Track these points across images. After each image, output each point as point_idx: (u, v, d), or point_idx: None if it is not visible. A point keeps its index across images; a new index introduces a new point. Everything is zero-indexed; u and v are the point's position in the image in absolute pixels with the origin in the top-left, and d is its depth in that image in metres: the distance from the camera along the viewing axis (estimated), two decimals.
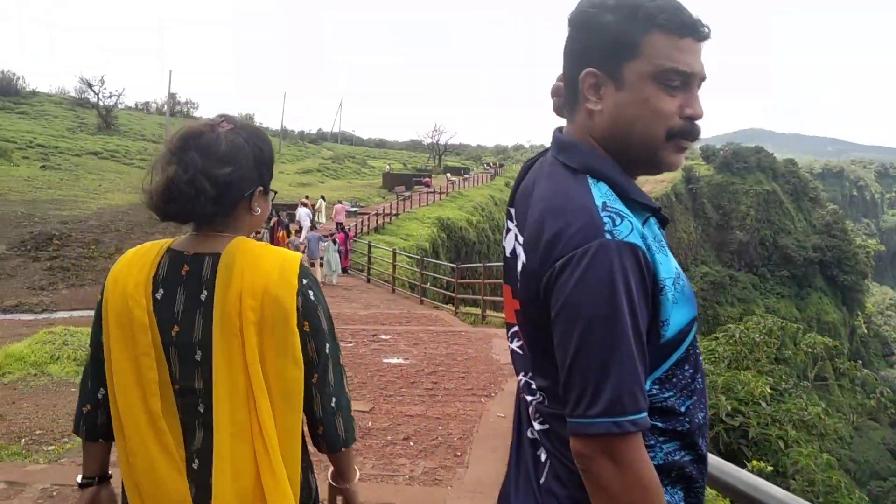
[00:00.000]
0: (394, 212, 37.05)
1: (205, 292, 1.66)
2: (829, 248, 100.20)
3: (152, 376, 1.65)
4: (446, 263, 23.06)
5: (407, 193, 43.40)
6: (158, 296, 1.67)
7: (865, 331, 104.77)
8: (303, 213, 24.65)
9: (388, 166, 64.03)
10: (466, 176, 59.02)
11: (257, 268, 1.66)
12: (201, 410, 1.67)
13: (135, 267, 1.71)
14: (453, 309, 18.31)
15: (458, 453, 6.19)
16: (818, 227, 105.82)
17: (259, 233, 19.54)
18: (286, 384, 1.65)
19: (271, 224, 23.09)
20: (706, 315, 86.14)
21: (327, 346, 1.73)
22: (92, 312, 2.44)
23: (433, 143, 77.69)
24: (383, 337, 12.46)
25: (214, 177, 1.65)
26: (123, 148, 48.80)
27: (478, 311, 17.31)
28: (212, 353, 1.63)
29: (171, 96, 68.97)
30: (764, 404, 6.12)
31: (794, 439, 5.78)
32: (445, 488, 5.22)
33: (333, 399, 1.74)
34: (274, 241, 21.33)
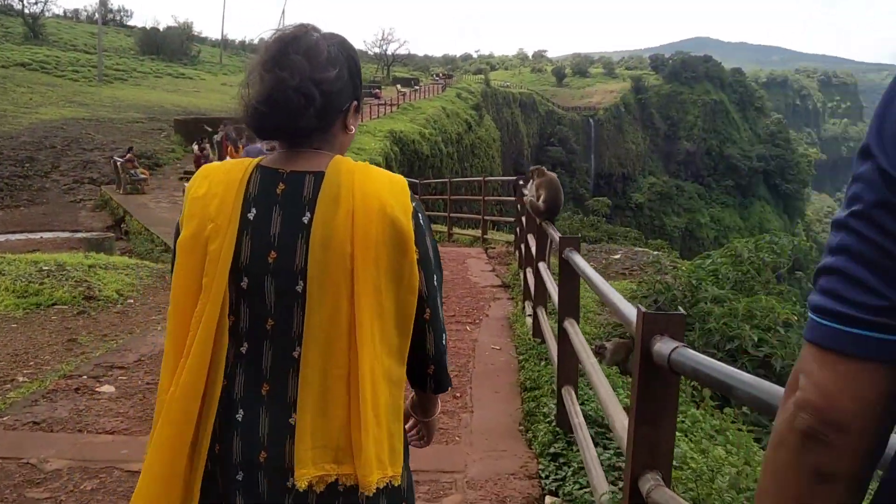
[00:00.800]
0: None
1: (307, 214, 1.47)
2: (772, 158, 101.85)
3: (223, 323, 1.46)
4: (409, 179, 22.12)
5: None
6: (251, 216, 1.48)
7: (805, 237, 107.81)
8: None
9: None
10: (417, 87, 57.45)
11: (367, 186, 1.47)
12: (296, 356, 1.46)
13: (219, 184, 1.52)
14: None
15: (458, 394, 5.63)
16: (763, 137, 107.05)
17: (204, 150, 18.16)
18: (403, 320, 1.49)
19: (219, 139, 21.92)
20: (653, 225, 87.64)
21: (436, 277, 1.56)
22: (29, 236, 1.93)
23: (381, 53, 75.25)
24: None
25: (322, 82, 1.49)
26: (53, 59, 46.05)
27: (443, 228, 16.68)
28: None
29: (103, 3, 65.20)
30: (786, 332, 5.65)
31: None
32: (458, 443, 4.61)
33: (444, 336, 1.60)
34: (222, 157, 20.20)
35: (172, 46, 59.28)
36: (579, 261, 3.66)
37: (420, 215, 1.52)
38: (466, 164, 49.67)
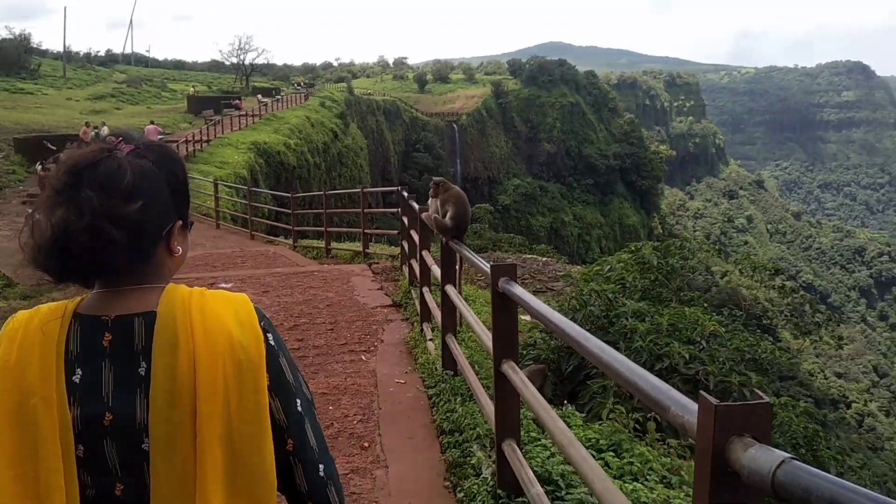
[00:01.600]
0: (204, 138, 34.02)
1: (143, 364, 1.33)
2: (628, 156, 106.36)
3: (59, 498, 1.29)
4: (281, 193, 21.14)
5: (216, 118, 40.01)
6: (77, 378, 1.33)
7: (661, 231, 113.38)
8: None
9: (192, 89, 59.10)
10: (278, 97, 55.69)
11: (209, 321, 1.34)
12: None
13: (32, 346, 1.34)
14: (290, 243, 16.67)
15: (366, 443, 4.90)
16: (618, 136, 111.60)
17: (49, 170, 17.14)
18: (261, 463, 1.34)
19: (42, 171, 20.41)
20: (520, 226, 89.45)
21: (298, 401, 1.40)
22: None
23: (239, 63, 72.64)
24: (223, 286, 10.68)
25: (121, 218, 1.32)
26: None
27: (320, 243, 15.81)
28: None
29: None
30: (710, 344, 5.29)
31: (758, 384, 4.98)
32: None
33: (321, 467, 1.42)
34: None
35: (9, 59, 54.83)
36: (525, 296, 3.05)
37: (271, 336, 1.39)
38: (335, 174, 48.59)
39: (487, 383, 4.81)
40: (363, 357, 7.35)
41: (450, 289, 5.45)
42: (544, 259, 12.75)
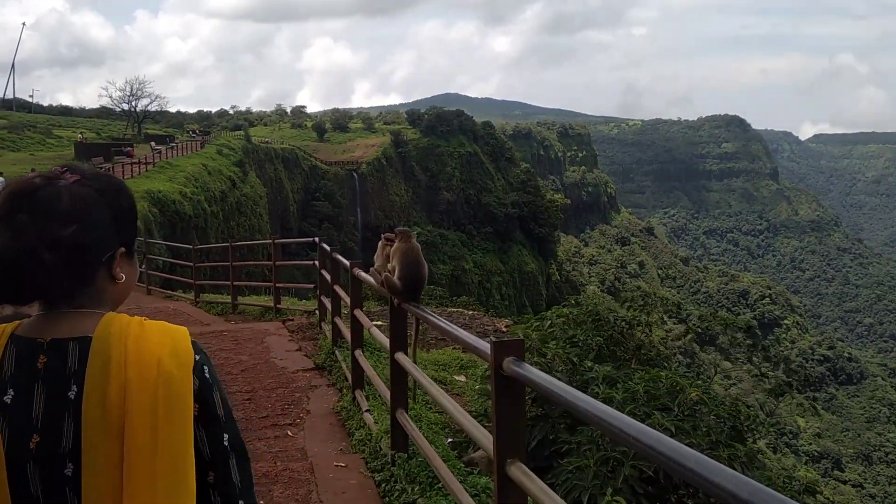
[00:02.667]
0: None
1: (73, 388, 1.35)
2: (525, 204, 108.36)
3: None
4: (180, 245, 19.83)
5: (106, 165, 37.91)
6: (8, 399, 1.35)
7: (558, 277, 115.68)
8: None
9: (80, 135, 56.28)
10: (173, 144, 53.72)
11: (144, 351, 1.36)
12: None
13: None
14: (191, 298, 15.48)
15: None
16: (515, 185, 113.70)
17: None
18: (183, 494, 1.34)
19: None
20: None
21: (226, 436, 1.42)
22: None
23: (131, 110, 69.94)
24: None
25: (57, 241, 1.36)
26: None
27: (225, 298, 14.72)
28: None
29: None
30: (694, 413, 4.77)
31: (747, 454, 4.46)
32: None
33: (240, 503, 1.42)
34: None
35: None
36: (553, 383, 2.39)
37: (206, 369, 1.41)
38: (233, 223, 46.96)
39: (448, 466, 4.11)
40: (289, 432, 6.49)
41: (402, 357, 4.74)
42: (470, 313, 12.15)
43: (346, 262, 7.20)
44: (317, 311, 11.23)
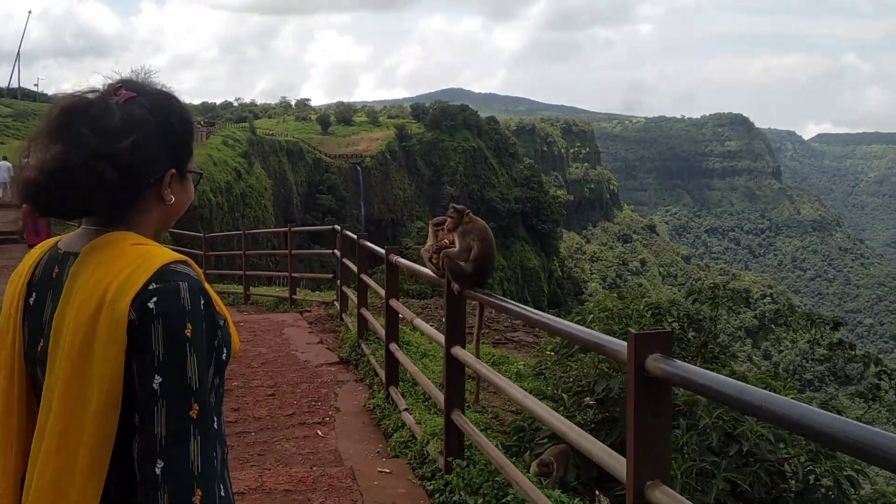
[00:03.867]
0: None
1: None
2: (528, 200, 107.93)
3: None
4: (189, 233, 19.34)
5: None
6: (32, 300, 1.41)
7: (560, 273, 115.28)
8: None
9: None
10: None
11: (101, 275, 1.31)
12: None
13: (25, 265, 1.46)
14: None
15: None
16: (518, 181, 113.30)
17: None
18: (92, 437, 1.28)
19: None
20: None
21: (158, 378, 1.27)
22: None
23: None
24: None
25: (113, 156, 1.33)
26: None
27: (237, 288, 14.21)
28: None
29: None
30: None
31: (850, 476, 3.94)
32: None
33: (159, 463, 1.25)
34: None
35: None
36: (715, 378, 1.87)
37: (159, 299, 1.28)
38: (238, 214, 46.45)
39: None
40: (319, 432, 5.97)
41: (461, 353, 4.21)
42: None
43: (380, 250, 6.66)
44: (335, 302, 10.72)
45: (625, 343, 2.23)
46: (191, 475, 1.25)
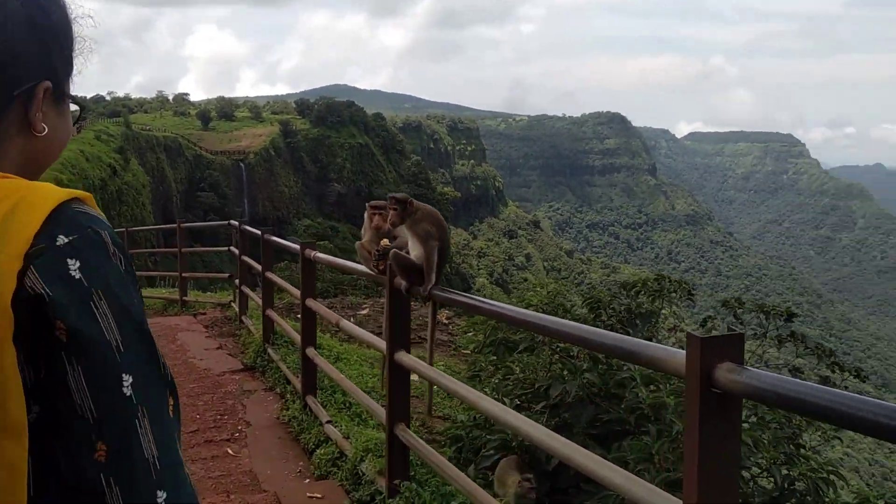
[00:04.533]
0: None
1: None
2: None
3: None
4: None
5: None
6: None
7: (449, 269, 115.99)
8: None
9: None
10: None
11: None
12: None
13: None
14: None
15: None
16: (406, 178, 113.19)
17: None
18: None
19: None
20: None
21: (128, 379, 0.84)
22: None
23: None
24: None
25: None
26: None
27: None
28: None
29: None
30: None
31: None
32: None
33: (160, 496, 0.84)
34: None
35: None
36: (811, 390, 1.44)
37: (78, 262, 0.84)
38: (114, 213, 43.89)
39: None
40: (229, 450, 5.29)
41: (407, 358, 3.67)
42: (369, 302, 11.03)
43: (295, 246, 6.02)
44: (233, 304, 9.92)
45: (682, 351, 1.77)
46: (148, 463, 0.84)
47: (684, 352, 1.75)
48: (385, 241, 3.65)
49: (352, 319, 9.97)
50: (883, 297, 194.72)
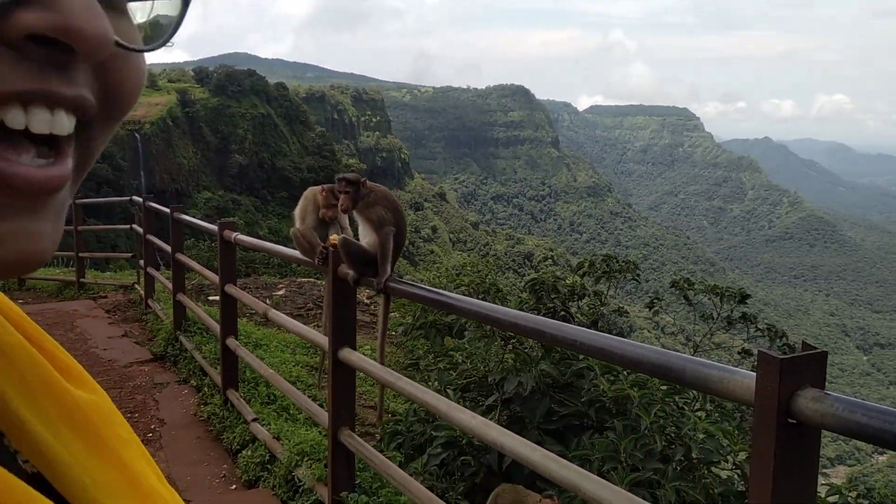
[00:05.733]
0: None
1: None
2: (321, 169, 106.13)
3: None
4: None
5: None
6: None
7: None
8: None
9: None
10: None
11: None
12: None
13: None
14: None
15: None
16: (310, 149, 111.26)
17: None
18: None
19: None
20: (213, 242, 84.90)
21: None
22: None
23: None
24: None
25: None
26: None
27: None
28: None
29: None
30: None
31: None
32: None
33: None
34: None
35: None
36: None
37: None
38: None
39: None
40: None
41: (352, 356, 3.27)
42: (285, 282, 10.53)
43: (211, 226, 5.47)
44: (136, 286, 9.21)
45: (747, 373, 1.45)
46: None
47: (751, 374, 1.43)
48: (334, 238, 3.22)
49: (268, 300, 9.42)
50: (770, 265, 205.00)
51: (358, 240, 3.08)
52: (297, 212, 3.64)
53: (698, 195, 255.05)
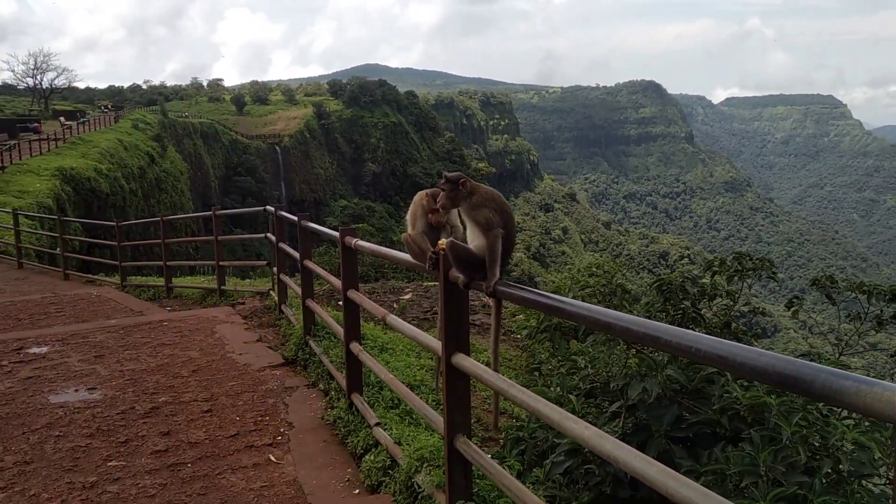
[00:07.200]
0: None
1: None
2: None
3: None
4: (101, 222, 17.72)
5: (11, 142, 34.71)
6: None
7: None
8: None
9: None
10: (84, 119, 49.98)
11: None
12: None
13: None
14: (117, 282, 13.54)
15: None
16: (440, 155, 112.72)
17: None
18: None
19: None
20: None
21: None
22: None
23: (35, 86, 65.12)
24: (37, 350, 7.73)
25: None
26: None
27: (157, 281, 12.87)
28: None
29: None
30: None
31: None
32: None
33: None
34: None
35: None
36: None
37: None
38: (153, 201, 44.01)
39: None
40: (272, 456, 4.90)
41: (466, 361, 3.20)
42: (411, 286, 10.60)
43: (333, 232, 5.57)
44: (271, 292, 9.56)
45: (894, 386, 1.27)
46: None
47: (894, 386, 1.25)
48: (443, 242, 3.18)
49: (395, 305, 9.55)
50: None
51: (466, 243, 3.02)
52: (408, 217, 3.63)
53: (847, 187, 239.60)
